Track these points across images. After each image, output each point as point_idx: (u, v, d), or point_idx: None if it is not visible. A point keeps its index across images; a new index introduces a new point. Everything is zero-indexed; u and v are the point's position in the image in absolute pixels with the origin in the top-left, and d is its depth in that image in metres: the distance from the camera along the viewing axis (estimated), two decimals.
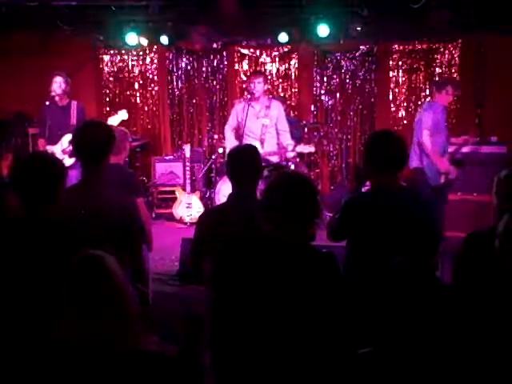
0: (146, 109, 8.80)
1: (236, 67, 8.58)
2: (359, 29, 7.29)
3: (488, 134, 7.10)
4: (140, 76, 8.74)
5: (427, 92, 8.27)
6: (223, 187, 6.86)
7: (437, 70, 8.22)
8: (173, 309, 4.67)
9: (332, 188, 8.50)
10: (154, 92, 8.76)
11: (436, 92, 5.82)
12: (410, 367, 1.87)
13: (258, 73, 7.16)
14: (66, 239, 2.46)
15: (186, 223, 7.50)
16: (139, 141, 8.31)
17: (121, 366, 1.63)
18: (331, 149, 8.58)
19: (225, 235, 2.77)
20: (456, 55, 8.11)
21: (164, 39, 7.75)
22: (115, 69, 8.73)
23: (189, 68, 8.71)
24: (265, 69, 8.55)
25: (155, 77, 8.72)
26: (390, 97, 8.38)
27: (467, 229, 3.01)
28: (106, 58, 8.68)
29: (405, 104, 8.38)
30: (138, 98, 8.81)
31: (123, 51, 8.58)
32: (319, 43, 7.96)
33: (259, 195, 2.77)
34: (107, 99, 8.74)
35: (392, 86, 8.37)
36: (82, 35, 7.75)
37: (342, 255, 3.14)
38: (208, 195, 7.94)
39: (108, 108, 8.70)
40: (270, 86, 8.54)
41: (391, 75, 8.34)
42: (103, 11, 7.30)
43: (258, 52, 8.55)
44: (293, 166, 6.74)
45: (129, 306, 1.68)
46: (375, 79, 8.39)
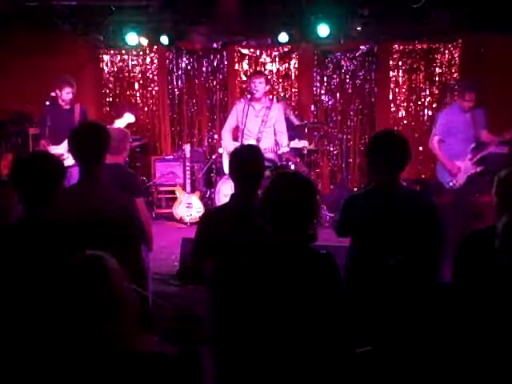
0: (146, 109, 8.80)
1: (236, 67, 8.58)
2: (359, 29, 7.29)
3: None
4: (140, 76, 8.74)
5: (427, 92, 8.28)
6: (223, 187, 6.86)
7: (437, 70, 8.22)
8: (173, 309, 4.67)
9: (332, 188, 8.51)
10: (154, 92, 8.76)
11: (456, 95, 5.83)
12: (409, 366, 1.88)
13: (260, 73, 7.16)
14: (66, 240, 2.46)
15: (186, 223, 7.50)
16: (139, 141, 8.31)
17: (120, 367, 1.63)
18: (331, 149, 8.59)
19: (226, 235, 2.77)
20: (456, 55, 8.11)
21: (164, 39, 7.75)
22: (115, 69, 8.73)
23: (189, 68, 8.71)
24: (265, 69, 8.54)
25: (155, 77, 8.72)
26: (390, 97, 8.38)
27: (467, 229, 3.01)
28: (106, 58, 8.69)
29: (405, 104, 8.38)
30: (138, 98, 8.81)
31: (123, 51, 8.58)
32: (319, 43, 7.96)
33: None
34: (107, 99, 8.74)
35: (392, 86, 8.37)
36: (82, 35, 7.74)
37: (343, 255, 3.14)
38: (208, 195, 7.94)
39: (108, 108, 8.71)
40: (271, 87, 8.56)
41: (391, 75, 8.34)
42: (103, 11, 7.29)
43: (258, 52, 8.55)
44: (293, 166, 6.75)
45: (129, 307, 1.68)
46: (375, 79, 8.39)
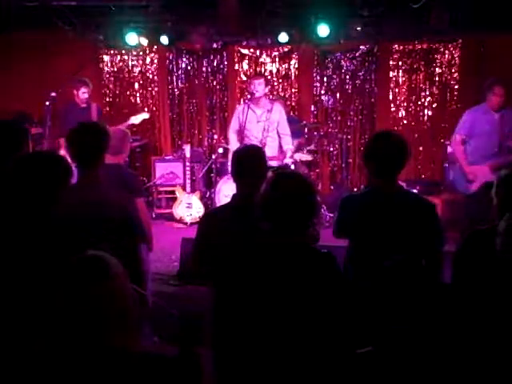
0: (146, 109, 8.77)
1: (236, 67, 8.57)
2: (359, 29, 7.29)
3: None
4: (140, 76, 8.73)
5: (427, 92, 8.28)
6: (223, 187, 6.86)
7: (437, 70, 8.22)
8: (173, 309, 4.67)
9: (332, 188, 8.51)
10: (154, 92, 8.76)
11: (486, 90, 5.44)
12: (410, 366, 1.88)
13: (259, 74, 7.16)
14: (68, 240, 2.46)
15: (186, 223, 7.50)
16: (139, 141, 8.31)
17: (120, 367, 1.63)
18: (331, 149, 8.59)
19: (226, 236, 2.77)
20: (456, 55, 8.11)
21: (164, 39, 7.75)
22: (115, 69, 8.72)
23: (189, 68, 8.71)
24: (265, 69, 8.55)
25: (155, 77, 8.72)
26: (390, 97, 8.38)
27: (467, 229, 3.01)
28: (106, 58, 8.67)
29: (405, 104, 8.38)
30: (138, 98, 8.80)
31: (123, 51, 8.57)
32: (319, 43, 7.96)
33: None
34: (107, 99, 8.73)
35: (392, 86, 8.37)
36: (82, 35, 7.74)
37: (343, 255, 3.14)
38: (208, 195, 7.94)
39: (108, 108, 8.70)
40: (271, 87, 8.56)
41: (391, 75, 8.34)
42: (103, 11, 7.29)
43: (258, 52, 8.54)
44: (293, 166, 6.75)
45: (129, 307, 1.68)
46: (375, 79, 8.38)
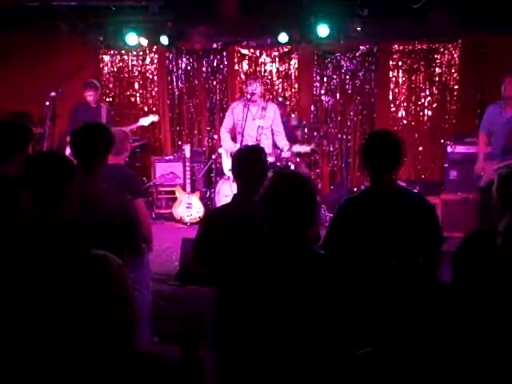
0: (146, 109, 8.79)
1: (236, 67, 8.57)
2: (359, 29, 7.29)
3: None
4: (140, 76, 8.73)
5: (427, 92, 8.28)
6: (223, 187, 6.86)
7: (437, 70, 8.21)
8: (173, 309, 4.67)
9: (332, 188, 8.51)
10: (154, 92, 8.76)
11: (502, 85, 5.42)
12: (410, 367, 1.88)
13: (254, 76, 7.14)
14: (70, 240, 2.47)
15: (186, 223, 7.50)
16: (139, 141, 8.31)
17: (121, 368, 1.63)
18: (331, 149, 8.59)
19: (227, 236, 2.77)
20: (456, 55, 8.11)
21: (164, 39, 7.75)
22: (115, 69, 8.72)
23: (189, 68, 8.71)
24: (265, 69, 8.56)
25: (155, 77, 8.72)
26: (390, 97, 8.38)
27: (467, 229, 3.01)
28: (106, 58, 8.68)
29: (405, 104, 8.38)
30: (138, 98, 8.80)
31: (123, 51, 8.57)
32: (319, 43, 7.96)
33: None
34: (107, 99, 8.72)
35: (392, 86, 8.37)
36: (82, 35, 7.74)
37: None
38: (208, 195, 7.94)
39: None
40: (270, 86, 8.56)
41: (391, 75, 8.34)
42: (103, 11, 7.29)
43: (258, 52, 8.54)
44: (293, 166, 6.75)
45: (131, 308, 1.68)
46: (375, 79, 8.38)
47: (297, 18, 7.37)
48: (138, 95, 8.79)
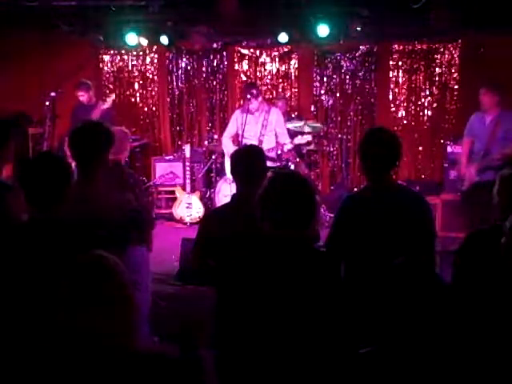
0: (146, 109, 8.80)
1: (236, 67, 8.58)
2: (359, 29, 7.29)
3: None
4: (140, 76, 8.74)
5: (427, 92, 8.28)
6: (223, 187, 6.86)
7: (437, 70, 8.22)
8: (173, 309, 4.67)
9: (332, 188, 8.51)
10: (154, 92, 8.76)
11: None
12: (412, 366, 1.87)
13: (252, 85, 6.95)
14: (69, 240, 2.46)
15: (186, 223, 7.50)
16: (139, 141, 8.31)
17: (120, 367, 1.63)
18: (331, 149, 8.59)
19: (227, 236, 2.77)
20: (456, 55, 8.11)
21: (164, 39, 7.75)
22: (115, 69, 8.73)
23: (189, 68, 8.71)
24: (265, 69, 8.56)
25: (155, 77, 8.72)
26: (390, 97, 8.39)
27: (467, 229, 3.01)
28: (106, 58, 8.69)
29: (405, 104, 8.38)
30: (138, 98, 8.81)
31: (123, 51, 8.58)
32: (319, 43, 7.96)
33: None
34: (107, 99, 8.72)
35: (392, 86, 8.37)
36: (82, 35, 7.74)
37: None
38: (208, 195, 7.94)
39: None
40: (270, 86, 8.56)
41: (391, 75, 8.35)
42: (103, 11, 7.28)
43: (258, 52, 8.55)
44: (293, 166, 6.75)
45: (130, 308, 1.68)
46: (375, 79, 8.39)
47: (297, 18, 7.36)
48: (138, 95, 8.79)
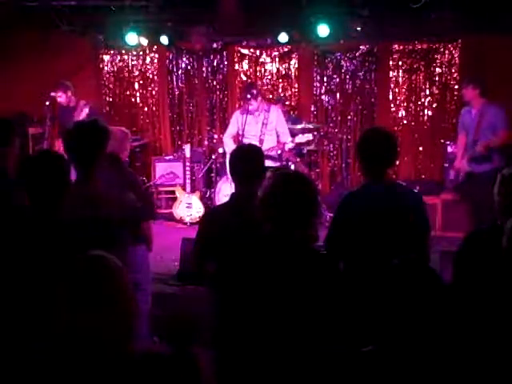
0: (146, 109, 8.79)
1: (236, 67, 8.58)
2: (359, 29, 7.29)
3: None
4: (140, 76, 8.73)
5: (427, 92, 8.28)
6: (223, 187, 6.86)
7: (437, 70, 8.22)
8: (173, 309, 4.67)
9: (332, 188, 8.50)
10: (154, 92, 8.75)
11: None
12: (412, 366, 1.87)
13: (252, 86, 6.94)
14: (67, 240, 2.46)
15: (186, 223, 7.49)
16: (139, 141, 8.31)
17: (120, 367, 1.63)
18: (331, 149, 8.59)
19: (227, 235, 2.77)
20: (456, 55, 8.11)
21: (164, 39, 7.75)
22: (115, 69, 8.72)
23: (189, 68, 8.71)
24: (265, 69, 8.56)
25: (155, 77, 8.72)
26: (390, 97, 8.38)
27: (467, 229, 3.01)
28: (106, 58, 8.68)
29: (405, 104, 8.38)
30: (138, 98, 8.80)
31: (123, 51, 8.57)
32: (319, 43, 7.95)
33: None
34: (107, 99, 8.73)
35: (392, 86, 8.37)
36: (82, 35, 7.74)
37: None
38: (208, 195, 7.94)
39: (108, 108, 8.71)
40: (270, 86, 8.56)
41: (391, 75, 8.34)
42: (103, 11, 7.29)
43: (258, 52, 8.55)
44: (293, 166, 6.75)
45: (130, 308, 1.68)
46: (375, 79, 8.38)
47: (297, 18, 7.37)
48: (138, 95, 8.79)
